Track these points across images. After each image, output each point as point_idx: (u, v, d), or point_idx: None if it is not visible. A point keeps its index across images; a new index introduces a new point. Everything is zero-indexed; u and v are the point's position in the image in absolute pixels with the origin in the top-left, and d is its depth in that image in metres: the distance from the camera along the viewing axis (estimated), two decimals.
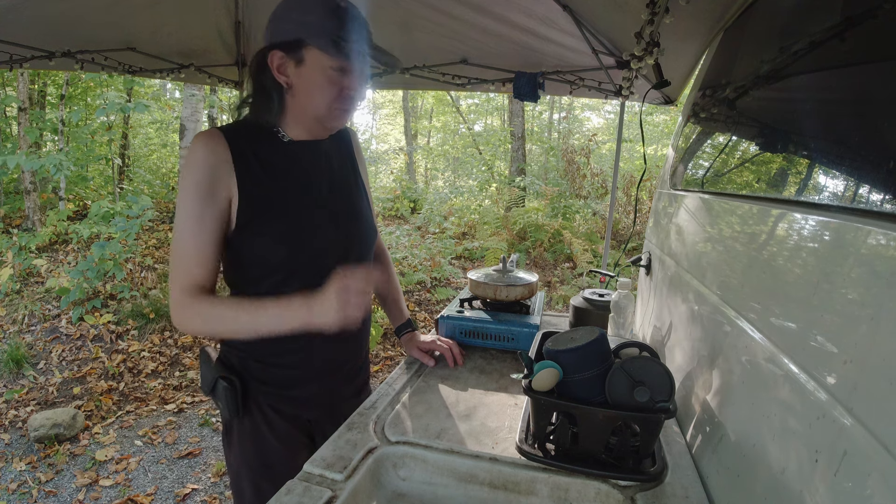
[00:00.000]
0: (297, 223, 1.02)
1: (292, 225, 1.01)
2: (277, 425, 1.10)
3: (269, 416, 1.09)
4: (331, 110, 1.00)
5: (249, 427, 1.10)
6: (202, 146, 0.96)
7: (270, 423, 1.09)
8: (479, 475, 0.88)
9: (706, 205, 1.12)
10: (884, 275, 0.48)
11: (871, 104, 0.61)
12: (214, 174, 0.95)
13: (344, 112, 1.02)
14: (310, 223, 1.03)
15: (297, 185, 1.04)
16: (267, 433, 1.10)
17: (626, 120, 2.82)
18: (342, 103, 1.00)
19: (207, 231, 0.96)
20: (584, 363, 0.84)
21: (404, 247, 5.94)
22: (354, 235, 1.12)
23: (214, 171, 0.95)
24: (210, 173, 0.95)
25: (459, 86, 2.78)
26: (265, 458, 1.10)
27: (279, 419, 1.10)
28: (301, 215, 1.03)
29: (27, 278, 4.75)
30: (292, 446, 1.12)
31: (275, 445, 1.10)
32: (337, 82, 0.97)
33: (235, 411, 1.06)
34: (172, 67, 2.84)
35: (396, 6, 2.06)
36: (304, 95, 0.99)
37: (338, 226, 1.08)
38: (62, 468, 2.65)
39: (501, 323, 1.40)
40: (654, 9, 1.40)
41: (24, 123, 5.73)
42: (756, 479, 0.66)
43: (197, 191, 0.94)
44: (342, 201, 1.11)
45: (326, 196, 1.08)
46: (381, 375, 3.82)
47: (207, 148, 0.96)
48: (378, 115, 17.84)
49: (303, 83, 0.98)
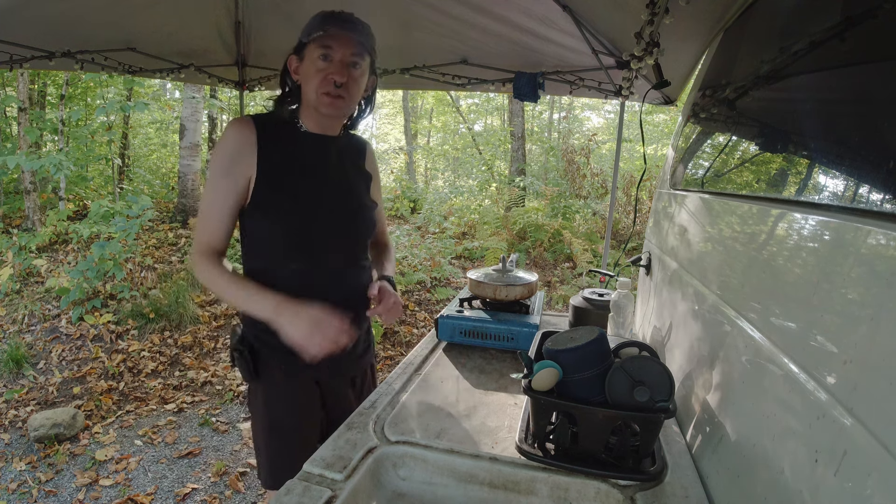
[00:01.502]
0: (298, 205, 1.14)
1: (293, 206, 1.13)
2: (287, 388, 1.22)
3: (280, 380, 1.21)
4: (318, 96, 1.10)
5: (264, 390, 1.22)
6: (233, 128, 1.12)
7: (281, 386, 1.21)
8: (479, 475, 0.88)
9: (706, 205, 1.12)
10: (884, 275, 0.48)
11: (871, 104, 0.61)
12: (238, 153, 1.10)
13: (330, 98, 1.10)
14: (309, 207, 1.15)
15: (305, 168, 1.16)
16: (279, 396, 1.22)
17: (626, 120, 2.82)
18: (324, 87, 1.09)
19: (221, 202, 1.11)
20: (584, 363, 0.84)
21: (404, 247, 5.94)
22: (350, 225, 1.22)
23: (239, 150, 1.10)
24: (234, 152, 1.10)
25: (459, 86, 2.78)
26: (276, 418, 1.22)
27: (289, 382, 1.21)
28: (303, 198, 1.14)
29: (27, 278, 4.75)
30: (303, 407, 1.23)
31: (286, 406, 1.22)
32: (321, 69, 1.09)
33: (248, 377, 1.20)
34: (172, 67, 2.83)
35: (397, 6, 2.06)
36: (305, 87, 1.13)
37: (334, 213, 1.18)
38: (62, 468, 2.65)
39: (501, 323, 1.40)
40: (654, 9, 1.40)
41: (24, 123, 5.73)
42: (756, 479, 0.66)
43: (220, 166, 1.11)
44: (343, 193, 1.21)
45: (330, 185, 1.19)
46: (381, 375, 3.81)
47: (237, 130, 1.11)
48: (378, 115, 17.83)
49: (303, 77, 1.13)
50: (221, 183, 1.11)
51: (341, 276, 1.22)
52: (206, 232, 1.13)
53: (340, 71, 1.09)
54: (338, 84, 1.09)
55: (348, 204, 1.22)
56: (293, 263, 1.16)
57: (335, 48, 1.08)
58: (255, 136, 1.11)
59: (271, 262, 1.16)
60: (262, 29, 2.61)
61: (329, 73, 1.09)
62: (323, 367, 1.18)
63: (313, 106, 1.13)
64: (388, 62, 2.68)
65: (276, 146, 1.13)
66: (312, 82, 1.10)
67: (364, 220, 1.26)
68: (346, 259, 1.22)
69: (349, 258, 1.23)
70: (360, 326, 1.28)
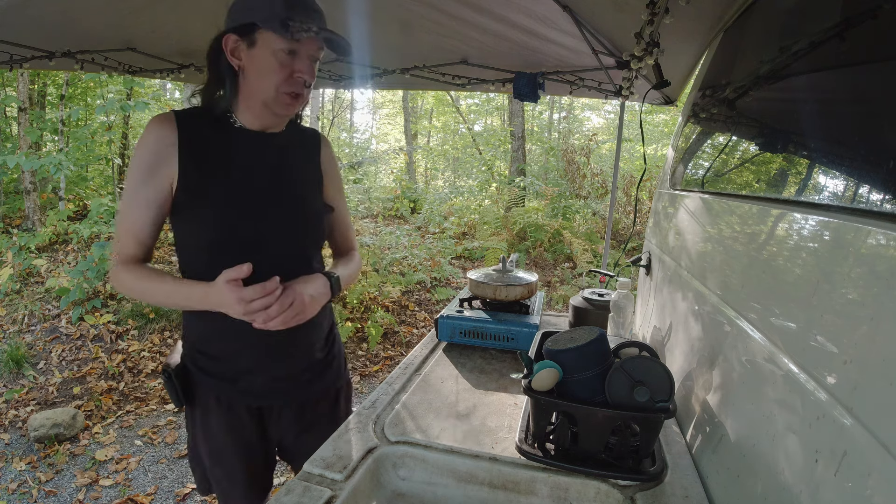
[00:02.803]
0: (226, 210, 1.02)
1: (221, 212, 1.01)
2: (221, 414, 1.12)
3: (212, 405, 1.11)
4: (278, 94, 0.99)
5: (198, 416, 1.13)
6: (151, 129, 0.99)
7: (215, 412, 1.12)
8: (479, 475, 0.88)
9: (706, 205, 1.12)
10: (884, 275, 0.48)
11: (871, 104, 0.61)
12: (158, 157, 0.98)
13: (292, 98, 1.00)
14: (239, 211, 1.03)
15: (237, 171, 1.03)
16: (212, 422, 1.12)
17: (626, 120, 2.82)
18: (290, 87, 0.99)
19: (141, 210, 1.00)
20: (584, 363, 0.84)
21: (404, 247, 5.93)
22: (291, 228, 1.09)
23: (158, 153, 0.98)
24: (153, 156, 0.98)
25: (459, 86, 2.78)
26: (212, 444, 1.14)
27: (222, 409, 1.12)
28: (232, 202, 1.02)
29: (27, 278, 4.75)
30: (238, 434, 1.13)
31: (219, 433, 1.12)
32: (287, 65, 0.97)
33: (176, 401, 1.11)
34: (172, 67, 2.83)
35: (397, 6, 2.06)
36: (255, 78, 0.99)
37: (270, 216, 1.05)
38: (62, 468, 2.65)
39: (501, 323, 1.40)
40: (654, 9, 1.40)
41: (24, 123, 5.73)
42: (756, 479, 0.66)
43: (138, 172, 0.99)
44: (285, 194, 1.08)
45: (266, 186, 1.06)
46: (381, 375, 3.81)
47: (155, 131, 0.99)
48: (378, 115, 17.84)
49: (254, 66, 0.98)
50: (140, 191, 0.98)
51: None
52: (127, 244, 1.01)
53: (310, 69, 0.99)
54: (307, 84, 1.00)
55: (289, 209, 1.07)
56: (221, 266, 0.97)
57: (303, 42, 0.96)
58: (175, 134, 0.98)
59: (196, 268, 1.04)
60: None
61: (297, 70, 0.98)
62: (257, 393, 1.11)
63: (265, 102, 1.00)
64: (388, 62, 2.68)
65: (200, 146, 1.00)
66: (272, 78, 0.97)
67: (309, 228, 1.12)
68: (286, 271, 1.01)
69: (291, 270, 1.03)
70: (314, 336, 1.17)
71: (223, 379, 1.10)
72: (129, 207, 1.01)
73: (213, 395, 1.11)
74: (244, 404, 1.13)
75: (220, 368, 1.10)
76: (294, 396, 1.17)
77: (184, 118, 1.01)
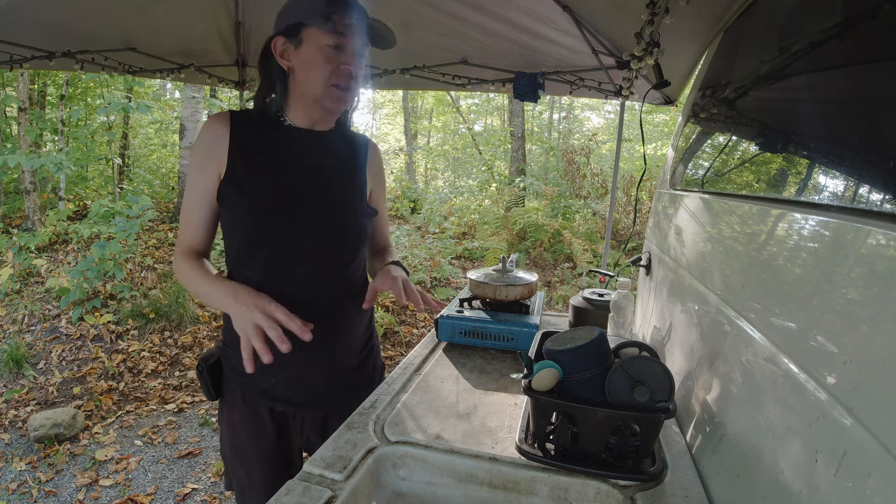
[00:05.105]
0: (262, 201, 1.04)
1: (257, 202, 1.04)
2: (246, 413, 1.14)
3: (238, 403, 1.15)
4: (327, 89, 1.01)
5: (226, 411, 1.17)
6: (207, 126, 1.05)
7: (240, 410, 1.15)
8: (479, 475, 0.88)
9: (706, 205, 1.12)
10: (884, 275, 0.48)
11: (871, 104, 0.61)
12: (210, 151, 1.03)
13: (342, 92, 1.03)
14: (275, 202, 1.04)
15: (280, 164, 1.06)
16: (237, 418, 1.15)
17: (626, 120, 2.82)
18: (339, 80, 1.01)
19: (195, 202, 1.06)
20: (584, 363, 0.84)
21: (404, 247, 5.94)
22: (331, 232, 1.10)
23: (211, 147, 1.03)
24: (206, 150, 1.03)
25: (459, 86, 2.78)
26: (235, 441, 1.17)
27: (247, 407, 1.14)
28: (270, 194, 1.04)
29: (27, 278, 4.75)
30: (260, 435, 1.15)
31: (242, 431, 1.15)
32: (333, 59, 1.00)
33: (208, 395, 1.16)
34: (172, 67, 2.84)
35: (397, 5, 2.06)
36: (303, 76, 1.02)
37: (310, 217, 1.06)
38: (62, 468, 2.65)
39: (501, 323, 1.40)
40: (654, 9, 1.40)
41: (24, 123, 5.73)
42: (756, 479, 0.66)
43: (194, 167, 1.05)
44: (329, 193, 1.10)
45: (312, 184, 1.08)
46: None
47: (210, 128, 1.05)
48: (378, 115, 17.83)
49: (302, 64, 1.01)
50: (197, 182, 1.04)
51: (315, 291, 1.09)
52: (186, 233, 1.08)
53: (356, 61, 1.02)
54: (354, 76, 1.01)
55: (331, 208, 1.09)
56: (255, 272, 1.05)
57: (347, 35, 0.99)
58: (227, 130, 1.03)
59: (234, 268, 1.08)
60: (262, 29, 2.61)
61: (343, 63, 1.00)
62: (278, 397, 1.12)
63: (314, 98, 1.03)
64: (388, 62, 2.69)
65: (249, 141, 1.04)
66: (320, 72, 0.99)
67: (350, 229, 1.12)
68: (321, 272, 1.08)
69: (326, 271, 1.09)
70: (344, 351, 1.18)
71: (248, 378, 1.10)
72: (187, 200, 1.07)
73: (239, 392, 1.14)
74: (266, 406, 1.14)
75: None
76: (318, 405, 1.16)
77: (238, 116, 1.06)
